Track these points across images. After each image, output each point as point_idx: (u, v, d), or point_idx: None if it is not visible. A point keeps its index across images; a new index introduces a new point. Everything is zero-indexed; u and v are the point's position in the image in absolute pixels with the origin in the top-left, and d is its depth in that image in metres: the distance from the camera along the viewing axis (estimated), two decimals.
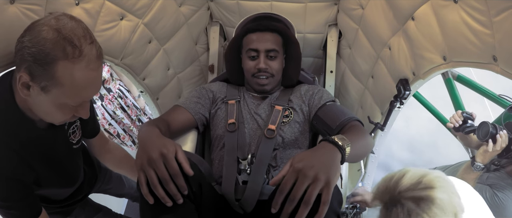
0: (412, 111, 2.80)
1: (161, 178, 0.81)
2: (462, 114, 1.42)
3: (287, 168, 0.75)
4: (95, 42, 0.76)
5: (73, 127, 0.99)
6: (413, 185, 0.75)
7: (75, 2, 1.00)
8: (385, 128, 1.42)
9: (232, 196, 1.08)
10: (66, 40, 0.71)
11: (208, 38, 1.85)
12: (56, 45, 0.70)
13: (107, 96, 2.05)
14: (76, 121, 1.00)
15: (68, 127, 0.97)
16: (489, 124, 1.29)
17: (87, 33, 0.75)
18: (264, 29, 1.30)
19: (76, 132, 1.00)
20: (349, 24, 1.57)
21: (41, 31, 0.70)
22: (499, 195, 1.39)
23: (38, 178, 0.89)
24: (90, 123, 1.08)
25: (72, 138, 0.99)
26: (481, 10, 0.77)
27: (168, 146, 0.83)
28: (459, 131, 1.43)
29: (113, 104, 2.07)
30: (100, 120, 2.10)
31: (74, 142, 1.00)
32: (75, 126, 1.00)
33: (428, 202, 0.73)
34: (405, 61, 1.18)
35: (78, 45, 0.72)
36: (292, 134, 1.22)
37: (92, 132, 1.14)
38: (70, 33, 0.71)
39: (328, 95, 1.29)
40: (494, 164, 1.46)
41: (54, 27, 0.71)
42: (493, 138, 1.29)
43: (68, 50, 0.71)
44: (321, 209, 0.72)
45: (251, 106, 1.30)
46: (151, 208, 0.85)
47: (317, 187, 0.71)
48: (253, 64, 1.30)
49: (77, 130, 1.01)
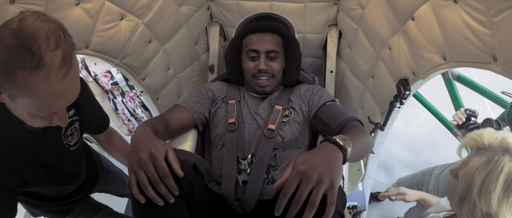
0: (412, 111, 2.80)
1: (151, 179, 0.81)
2: (465, 111, 1.43)
3: (289, 171, 0.74)
4: (62, 46, 0.65)
5: (71, 129, 0.97)
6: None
7: (75, 2, 1.00)
8: (385, 128, 1.42)
9: (232, 196, 1.08)
10: (23, 47, 0.61)
11: (208, 38, 1.85)
12: (13, 54, 0.62)
13: (128, 94, 2.05)
14: (74, 123, 0.98)
15: (66, 130, 0.95)
16: (493, 120, 1.30)
17: (53, 36, 0.64)
18: (264, 30, 1.30)
19: (74, 134, 0.98)
20: (349, 24, 1.57)
21: (2, 36, 0.63)
22: None
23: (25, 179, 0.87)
24: (95, 121, 1.07)
25: (70, 140, 0.97)
26: (481, 10, 0.77)
27: (158, 147, 0.83)
28: (462, 128, 1.44)
29: (134, 102, 2.08)
30: (119, 115, 2.15)
31: (72, 143, 0.98)
32: (73, 128, 0.97)
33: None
34: (405, 61, 1.18)
35: (36, 53, 0.62)
36: (292, 134, 1.22)
37: (99, 128, 1.14)
38: (29, 37, 0.62)
39: (328, 95, 1.29)
40: None
41: (14, 31, 0.62)
42: None
43: (25, 59, 0.61)
44: (328, 210, 0.71)
45: (251, 106, 1.30)
46: (143, 207, 0.85)
47: (321, 189, 0.70)
48: (253, 65, 1.30)
49: (76, 131, 0.99)
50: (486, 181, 0.77)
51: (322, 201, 0.71)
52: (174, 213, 0.87)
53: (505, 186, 0.75)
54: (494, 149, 0.80)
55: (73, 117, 0.97)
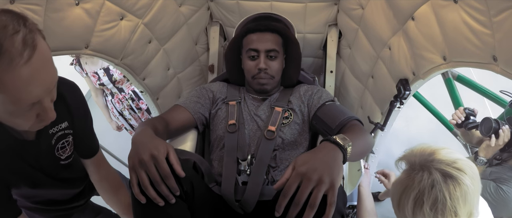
0: (412, 111, 2.80)
1: (152, 180, 0.81)
2: (464, 110, 1.43)
3: (289, 172, 0.74)
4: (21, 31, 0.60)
5: (63, 142, 0.93)
6: (448, 161, 0.77)
7: (75, 2, 1.00)
8: (385, 128, 1.42)
9: (231, 197, 1.08)
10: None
11: (208, 38, 1.85)
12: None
13: (117, 95, 2.10)
14: (67, 136, 0.94)
15: (56, 142, 0.91)
16: (492, 119, 1.31)
17: (10, 23, 0.60)
18: (264, 30, 1.30)
19: (66, 148, 0.95)
20: (349, 24, 1.57)
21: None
22: (503, 188, 1.40)
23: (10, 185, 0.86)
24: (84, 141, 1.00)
25: (61, 153, 0.94)
26: (481, 10, 0.77)
27: (159, 148, 0.83)
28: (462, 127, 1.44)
29: (122, 105, 2.11)
30: (110, 110, 2.18)
31: (62, 157, 0.95)
32: (66, 141, 0.94)
33: (455, 183, 0.75)
34: (405, 61, 1.18)
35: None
36: (292, 135, 1.22)
37: (87, 152, 1.03)
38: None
39: (328, 95, 1.29)
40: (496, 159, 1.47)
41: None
42: (496, 133, 1.30)
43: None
44: (328, 210, 0.71)
45: (251, 108, 1.30)
46: (143, 207, 0.85)
47: (321, 189, 0.70)
48: (253, 65, 1.30)
49: (68, 145, 0.95)
50: (402, 196, 0.82)
51: (323, 201, 0.71)
52: (175, 213, 0.87)
53: (414, 201, 0.79)
54: (414, 166, 0.82)
55: (66, 129, 0.93)
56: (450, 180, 0.75)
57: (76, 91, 0.95)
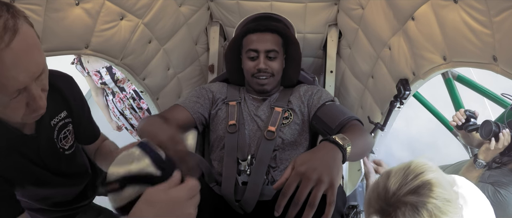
0: (412, 111, 2.80)
1: None
2: (464, 112, 1.43)
3: (289, 171, 0.74)
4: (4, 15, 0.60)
5: (64, 132, 0.94)
6: (403, 180, 0.75)
7: (75, 2, 1.00)
8: (385, 128, 1.42)
9: (231, 197, 1.08)
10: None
11: (208, 38, 1.85)
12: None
13: (118, 94, 2.09)
14: (67, 125, 0.95)
15: (58, 133, 0.92)
16: (492, 122, 1.30)
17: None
18: (264, 30, 1.30)
19: (68, 137, 0.96)
20: (349, 24, 1.57)
21: None
22: (501, 192, 1.39)
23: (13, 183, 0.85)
24: (85, 128, 1.02)
25: (64, 144, 0.94)
26: (481, 10, 0.77)
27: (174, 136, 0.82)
28: (462, 129, 1.44)
29: (123, 104, 2.11)
30: (111, 110, 2.18)
31: (66, 147, 0.95)
32: (67, 130, 0.95)
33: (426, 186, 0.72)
34: (405, 61, 1.18)
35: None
36: (292, 135, 1.22)
37: (88, 139, 1.06)
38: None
39: (327, 95, 1.29)
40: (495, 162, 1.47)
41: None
42: (496, 136, 1.30)
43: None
44: (328, 210, 0.71)
45: (251, 108, 1.30)
46: None
47: (321, 189, 0.70)
48: (253, 65, 1.30)
49: (69, 134, 0.96)
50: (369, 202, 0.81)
51: (322, 200, 0.71)
52: None
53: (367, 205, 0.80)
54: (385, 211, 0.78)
55: (65, 119, 0.94)
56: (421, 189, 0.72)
57: (71, 82, 0.96)
